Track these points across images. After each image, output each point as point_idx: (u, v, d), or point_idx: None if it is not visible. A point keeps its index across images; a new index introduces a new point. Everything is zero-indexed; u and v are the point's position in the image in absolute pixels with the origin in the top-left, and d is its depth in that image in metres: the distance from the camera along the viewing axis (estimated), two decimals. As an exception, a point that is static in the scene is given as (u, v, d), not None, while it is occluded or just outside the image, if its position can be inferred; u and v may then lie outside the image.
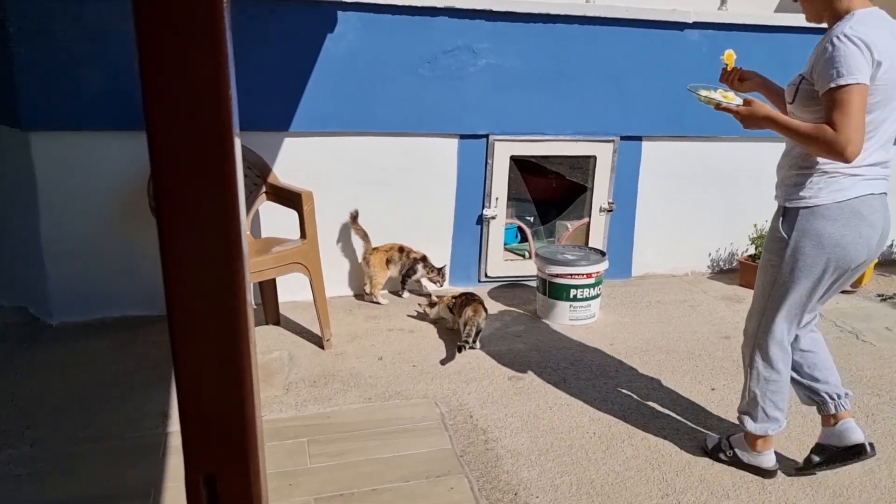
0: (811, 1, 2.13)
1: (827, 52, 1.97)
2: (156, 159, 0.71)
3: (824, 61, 1.98)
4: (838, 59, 1.95)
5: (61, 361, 3.08)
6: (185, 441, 0.83)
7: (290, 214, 3.24)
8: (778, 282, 2.25)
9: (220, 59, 0.69)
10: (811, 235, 2.15)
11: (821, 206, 2.13)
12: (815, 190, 2.14)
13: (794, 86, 2.15)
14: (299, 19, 3.38)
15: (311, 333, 3.42)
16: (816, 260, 2.16)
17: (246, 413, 0.82)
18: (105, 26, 3.14)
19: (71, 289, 3.43)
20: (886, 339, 3.55)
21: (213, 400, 0.81)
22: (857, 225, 2.12)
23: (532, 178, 4.53)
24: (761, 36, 3.98)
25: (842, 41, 1.95)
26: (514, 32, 3.67)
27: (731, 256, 4.48)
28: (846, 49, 1.94)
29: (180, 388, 0.81)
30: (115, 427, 2.59)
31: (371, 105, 3.61)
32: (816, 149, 2.04)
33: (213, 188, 0.71)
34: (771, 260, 2.27)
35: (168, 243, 0.73)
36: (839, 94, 1.95)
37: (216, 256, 0.74)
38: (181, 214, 0.72)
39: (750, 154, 4.27)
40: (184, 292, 0.75)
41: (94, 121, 3.26)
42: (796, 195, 2.17)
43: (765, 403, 2.36)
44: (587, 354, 3.30)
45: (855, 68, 1.94)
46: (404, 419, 2.71)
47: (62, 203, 3.33)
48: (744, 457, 2.44)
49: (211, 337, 0.79)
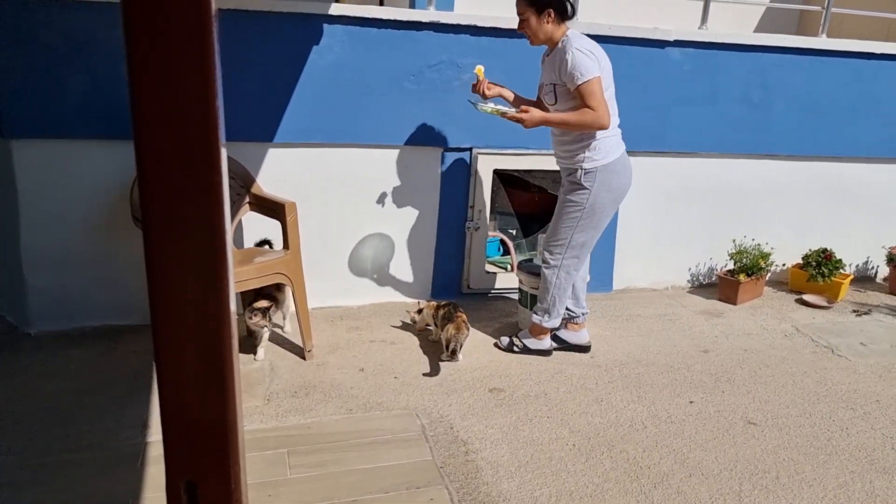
0: (536, 35, 3.03)
1: (567, 62, 2.92)
2: (143, 167, 0.73)
3: (570, 68, 2.91)
4: (578, 64, 2.90)
5: (39, 371, 3.06)
6: (166, 447, 0.84)
7: (273, 225, 3.25)
8: (581, 221, 3.16)
9: (209, 69, 0.70)
10: (605, 186, 3.11)
11: (609, 163, 3.09)
12: (602, 153, 3.08)
13: (551, 92, 3.08)
14: (285, 32, 3.40)
15: (292, 344, 3.41)
16: (608, 202, 3.16)
17: (228, 420, 0.83)
18: (88, 34, 3.14)
19: (50, 297, 3.40)
20: (861, 355, 3.61)
21: (196, 406, 0.82)
22: (626, 173, 3.19)
23: (515, 192, 4.57)
24: (741, 55, 4.05)
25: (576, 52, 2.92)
26: (498, 47, 3.71)
27: (711, 271, 4.54)
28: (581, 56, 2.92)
29: (163, 393, 0.82)
30: (93, 437, 2.57)
31: (356, 117, 3.63)
32: (586, 127, 2.98)
33: (200, 196, 0.72)
34: (572, 207, 3.16)
35: (154, 250, 0.74)
36: (587, 86, 2.91)
37: (201, 264, 0.75)
38: (167, 222, 0.74)
39: (729, 170, 4.33)
40: (168, 299, 0.77)
41: (76, 129, 3.25)
42: (591, 159, 3.08)
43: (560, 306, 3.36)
44: (568, 367, 3.32)
45: (589, 69, 2.90)
46: (385, 430, 2.72)
47: (43, 211, 3.31)
48: (532, 344, 3.42)
49: (194, 344, 0.80)
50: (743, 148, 4.28)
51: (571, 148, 3.11)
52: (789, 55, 4.16)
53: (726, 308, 4.21)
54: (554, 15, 2.97)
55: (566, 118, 3.00)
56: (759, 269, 4.26)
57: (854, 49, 4.24)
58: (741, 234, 4.41)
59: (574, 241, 3.20)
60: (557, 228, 3.23)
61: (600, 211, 3.16)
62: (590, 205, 3.13)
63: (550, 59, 3.07)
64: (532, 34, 3.03)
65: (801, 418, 2.95)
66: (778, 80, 4.19)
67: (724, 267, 4.44)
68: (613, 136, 3.13)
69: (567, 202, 3.17)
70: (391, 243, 3.93)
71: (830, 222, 4.60)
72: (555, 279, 3.28)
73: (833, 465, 2.62)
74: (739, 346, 3.66)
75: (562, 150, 3.18)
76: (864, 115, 4.39)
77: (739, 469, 2.56)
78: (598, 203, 3.13)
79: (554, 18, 2.97)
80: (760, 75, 4.15)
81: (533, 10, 2.97)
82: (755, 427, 2.86)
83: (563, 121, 3.02)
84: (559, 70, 2.98)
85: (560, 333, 3.49)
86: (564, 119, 3.01)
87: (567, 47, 2.94)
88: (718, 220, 4.41)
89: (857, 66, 4.27)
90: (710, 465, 2.58)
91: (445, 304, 3.44)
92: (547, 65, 3.12)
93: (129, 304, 3.45)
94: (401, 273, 4.01)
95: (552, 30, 3.00)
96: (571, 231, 3.18)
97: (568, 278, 3.29)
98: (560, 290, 3.30)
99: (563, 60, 2.94)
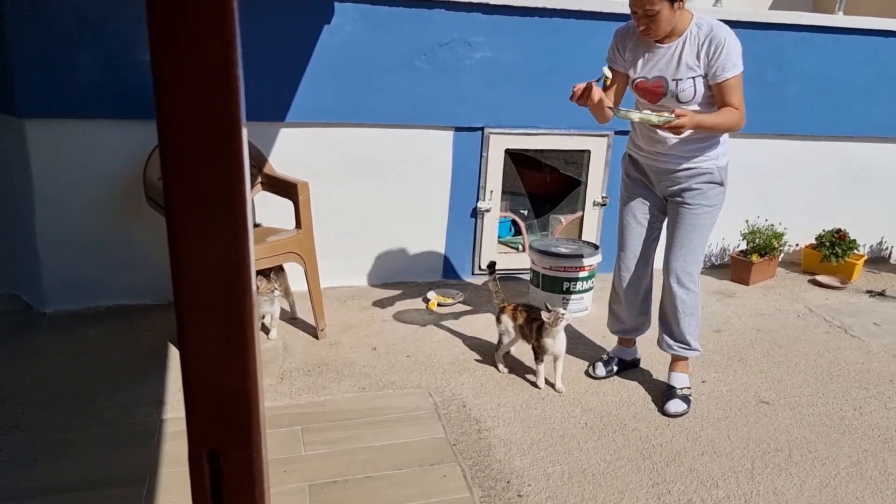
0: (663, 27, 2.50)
1: (723, 47, 2.47)
2: (164, 136, 0.73)
3: (726, 56, 2.47)
4: (734, 52, 2.49)
5: (55, 349, 3.09)
6: (188, 416, 0.84)
7: (285, 204, 3.25)
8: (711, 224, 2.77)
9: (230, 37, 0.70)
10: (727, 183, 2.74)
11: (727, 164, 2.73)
12: (725, 147, 2.70)
13: (690, 87, 2.54)
14: (297, 11, 3.39)
15: (305, 323, 3.43)
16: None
17: (249, 389, 0.84)
18: (101, 14, 3.14)
19: (65, 277, 3.43)
20: (874, 335, 3.59)
21: (218, 376, 0.82)
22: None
23: (527, 172, 4.55)
24: (755, 33, 4.00)
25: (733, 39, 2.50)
26: (509, 26, 3.68)
27: (724, 252, 4.52)
28: (737, 45, 2.50)
29: (185, 363, 0.83)
30: (109, 414, 2.60)
31: (367, 97, 3.61)
32: (732, 129, 2.57)
33: (221, 165, 0.72)
34: (709, 211, 2.72)
35: (175, 218, 0.75)
36: (736, 80, 2.51)
37: (222, 233, 0.75)
38: (188, 191, 0.74)
39: (742, 150, 4.29)
40: (190, 268, 0.77)
41: (90, 109, 3.25)
42: (724, 155, 2.70)
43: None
44: (580, 346, 3.33)
45: (740, 61, 2.51)
46: (398, 408, 2.73)
47: (57, 191, 3.32)
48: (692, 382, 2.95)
49: (216, 313, 0.80)
50: (756, 128, 4.21)
51: (701, 146, 2.64)
52: (805, 33, 4.10)
53: (739, 288, 4.19)
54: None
55: (717, 122, 2.53)
56: (771, 249, 4.24)
57: (872, 27, 4.17)
58: (754, 214, 4.38)
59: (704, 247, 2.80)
60: (694, 243, 2.74)
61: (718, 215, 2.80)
62: (722, 203, 2.76)
63: (672, 49, 2.54)
64: (658, 28, 2.49)
65: (813, 397, 2.94)
66: (793, 59, 4.14)
67: (736, 247, 4.42)
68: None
69: (699, 208, 2.70)
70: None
71: (844, 203, 4.56)
72: (699, 300, 2.85)
73: (846, 443, 2.61)
74: (752, 326, 3.65)
75: (684, 149, 2.64)
76: (881, 95, 4.34)
77: (752, 447, 2.56)
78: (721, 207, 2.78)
79: (682, 3, 2.49)
80: (775, 54, 4.10)
81: (667, 1, 2.44)
82: (768, 406, 2.86)
83: (714, 125, 2.54)
84: (707, 56, 2.49)
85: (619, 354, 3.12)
86: (715, 124, 2.53)
87: (718, 30, 2.49)
88: (731, 201, 4.31)
89: (875, 45, 4.21)
90: (723, 444, 2.58)
91: (522, 305, 3.08)
92: (665, 56, 2.56)
93: (144, 283, 3.47)
94: (412, 253, 4.02)
95: (679, 17, 2.50)
96: (706, 240, 2.77)
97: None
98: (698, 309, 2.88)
99: (720, 46, 2.46)
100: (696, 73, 2.52)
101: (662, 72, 2.57)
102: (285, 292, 3.44)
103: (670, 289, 2.79)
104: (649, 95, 2.64)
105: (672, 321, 2.86)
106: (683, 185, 2.70)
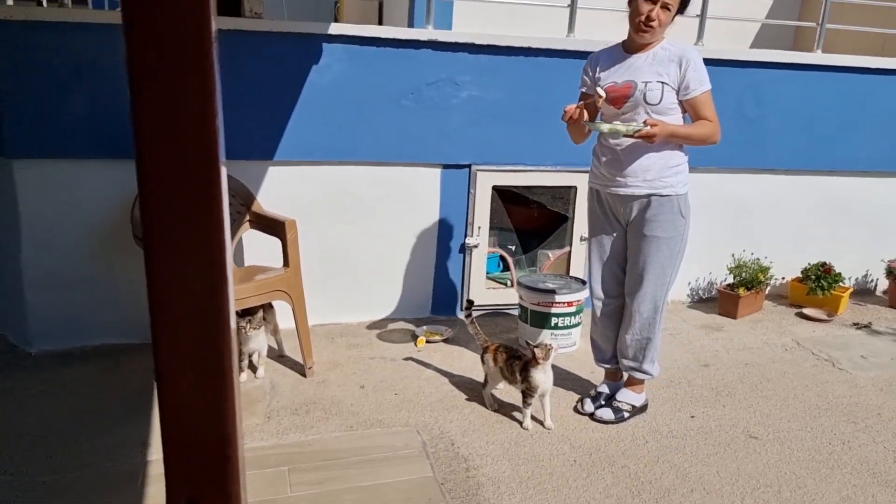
0: (661, 28, 2.65)
1: (693, 63, 2.64)
2: (144, 186, 0.74)
3: (696, 71, 2.64)
4: (703, 69, 2.66)
5: (39, 389, 3.06)
6: (167, 463, 0.84)
7: (273, 242, 3.26)
8: (678, 256, 2.84)
9: (209, 90, 0.72)
10: (689, 214, 2.81)
11: (688, 194, 2.80)
12: (685, 177, 2.78)
13: (657, 90, 2.67)
14: (285, 51, 3.44)
15: (293, 361, 3.41)
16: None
17: (228, 436, 0.84)
18: (89, 56, 3.17)
19: (51, 316, 3.41)
20: (862, 368, 3.61)
21: (196, 422, 0.83)
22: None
23: (514, 208, 4.58)
24: (737, 70, 4.08)
25: (699, 56, 2.67)
26: (495, 65, 3.74)
27: (711, 285, 4.54)
28: (703, 64, 2.68)
29: (164, 411, 0.83)
30: (93, 456, 2.56)
31: (355, 135, 3.65)
32: (705, 140, 2.70)
33: (200, 214, 0.73)
34: (668, 240, 2.78)
35: (154, 267, 0.75)
36: (707, 95, 2.67)
37: (201, 282, 0.76)
38: (168, 239, 0.75)
39: (727, 185, 4.35)
40: (169, 316, 0.77)
41: (77, 149, 3.27)
42: (684, 183, 2.77)
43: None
44: (568, 382, 3.32)
45: (707, 78, 2.68)
46: (386, 447, 2.71)
47: (44, 230, 3.32)
48: (638, 400, 3.04)
49: (195, 361, 0.80)
50: (739, 162, 4.30)
51: (660, 172, 2.72)
52: (784, 70, 4.19)
53: (726, 322, 4.21)
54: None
55: (690, 132, 2.68)
56: (758, 282, 4.27)
57: (849, 64, 4.27)
58: (740, 248, 4.42)
59: (672, 279, 2.87)
60: (649, 272, 2.82)
61: (687, 241, 2.86)
62: (686, 235, 2.83)
63: (643, 58, 2.70)
64: (659, 24, 2.62)
65: (802, 432, 2.94)
66: (773, 96, 4.22)
67: (723, 281, 4.45)
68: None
69: (656, 240, 2.77)
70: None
71: (829, 236, 4.62)
72: (656, 327, 2.93)
73: (835, 478, 2.61)
74: (740, 359, 3.66)
75: (642, 174, 2.73)
76: (859, 130, 4.42)
77: (741, 484, 2.55)
78: (688, 232, 2.84)
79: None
80: (756, 90, 4.17)
81: (679, 3, 2.63)
82: (757, 441, 2.86)
83: (688, 134, 2.69)
84: (678, 70, 2.65)
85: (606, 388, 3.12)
86: (689, 133, 2.68)
87: (688, 49, 2.68)
88: (717, 235, 4.42)
89: (852, 81, 4.30)
90: (712, 480, 2.57)
91: (503, 347, 3.04)
92: (635, 63, 2.71)
93: (130, 322, 3.45)
94: (401, 290, 4.02)
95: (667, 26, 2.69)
96: (667, 269, 2.83)
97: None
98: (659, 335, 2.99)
99: (691, 62, 2.63)
100: (665, 81, 2.66)
101: (632, 76, 2.71)
102: (274, 330, 3.43)
103: (628, 311, 2.94)
104: (617, 99, 2.72)
105: (626, 342, 2.98)
106: (642, 213, 2.78)
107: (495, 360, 2.99)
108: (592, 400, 3.06)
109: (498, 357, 2.98)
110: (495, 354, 3.00)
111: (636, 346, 2.96)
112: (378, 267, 3.93)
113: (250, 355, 3.21)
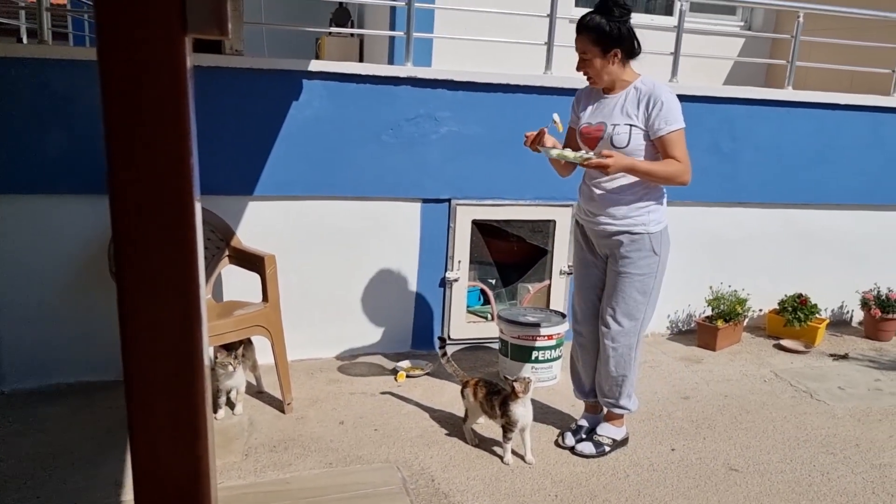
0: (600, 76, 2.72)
1: (662, 103, 2.63)
2: (118, 224, 0.74)
3: (665, 111, 2.63)
4: (674, 108, 2.66)
5: (11, 429, 2.99)
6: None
7: (252, 277, 3.24)
8: (652, 292, 2.85)
9: (184, 128, 0.72)
10: (667, 249, 2.83)
11: (664, 228, 2.82)
12: (663, 213, 2.81)
13: (625, 133, 2.70)
14: (265, 87, 3.46)
15: (271, 397, 3.37)
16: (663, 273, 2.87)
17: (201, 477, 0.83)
18: (66, 91, 3.18)
19: (25, 354, 3.35)
20: (839, 399, 3.63)
21: (168, 464, 0.82)
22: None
23: (494, 242, 4.61)
24: (712, 106, 4.17)
25: (672, 95, 2.68)
26: (474, 101, 3.80)
27: (689, 318, 4.58)
28: (675, 102, 2.68)
29: (135, 453, 0.82)
30: (66, 497, 2.51)
31: (335, 170, 3.67)
32: (670, 179, 2.69)
33: (174, 253, 0.74)
34: (641, 277, 2.80)
35: (127, 305, 0.75)
36: (677, 135, 2.65)
37: (175, 322, 0.76)
38: (141, 278, 0.75)
39: (703, 219, 4.41)
40: (142, 357, 0.77)
41: (55, 184, 3.25)
42: (658, 222, 2.78)
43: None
44: (549, 416, 3.31)
45: (680, 117, 2.67)
46: (365, 484, 2.68)
47: (19, 266, 3.28)
48: (619, 434, 3.04)
49: (167, 402, 0.80)
50: (714, 196, 4.37)
51: (632, 208, 2.75)
52: (757, 106, 4.29)
53: (706, 354, 4.23)
54: (621, 55, 2.67)
55: (652, 168, 2.66)
56: (736, 314, 4.30)
57: (819, 100, 4.38)
58: (718, 280, 4.46)
59: (647, 315, 2.88)
60: (621, 306, 2.84)
61: (663, 278, 2.88)
62: (661, 272, 2.84)
63: (616, 99, 2.75)
64: (595, 75, 2.70)
65: (782, 464, 2.95)
66: (747, 131, 4.31)
67: (702, 313, 4.48)
68: (664, 200, 2.85)
69: (627, 276, 2.80)
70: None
71: (804, 268, 4.68)
72: (632, 361, 2.92)
73: (815, 511, 2.61)
74: (720, 392, 3.68)
75: (614, 211, 2.77)
76: (830, 164, 4.51)
77: (722, 517, 2.55)
78: (664, 269, 2.85)
79: (621, 59, 2.68)
80: (730, 126, 4.26)
81: (598, 49, 2.64)
82: (737, 473, 2.86)
83: (649, 171, 2.66)
84: (646, 111, 2.67)
85: (586, 421, 3.13)
86: (650, 169, 2.66)
87: (658, 88, 2.67)
88: (695, 268, 4.46)
89: (822, 117, 4.41)
90: (693, 514, 2.56)
91: (483, 381, 3.03)
92: (609, 104, 2.76)
93: (105, 360, 3.40)
94: (381, 324, 4.01)
95: (618, 71, 2.70)
96: (641, 305, 2.84)
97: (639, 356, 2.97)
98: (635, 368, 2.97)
99: (658, 102, 2.64)
100: (633, 123, 2.69)
101: (605, 118, 2.76)
102: (252, 366, 3.39)
103: (603, 345, 2.93)
104: (591, 140, 2.79)
105: (602, 377, 2.98)
106: (615, 249, 2.82)
107: (475, 395, 2.98)
108: (573, 433, 3.05)
109: (478, 392, 2.97)
110: (475, 389, 2.99)
111: (612, 382, 2.95)
112: (358, 301, 3.92)
113: (228, 392, 3.17)
